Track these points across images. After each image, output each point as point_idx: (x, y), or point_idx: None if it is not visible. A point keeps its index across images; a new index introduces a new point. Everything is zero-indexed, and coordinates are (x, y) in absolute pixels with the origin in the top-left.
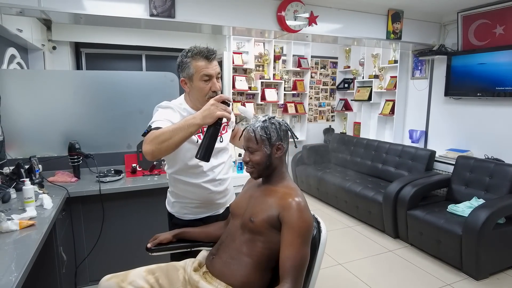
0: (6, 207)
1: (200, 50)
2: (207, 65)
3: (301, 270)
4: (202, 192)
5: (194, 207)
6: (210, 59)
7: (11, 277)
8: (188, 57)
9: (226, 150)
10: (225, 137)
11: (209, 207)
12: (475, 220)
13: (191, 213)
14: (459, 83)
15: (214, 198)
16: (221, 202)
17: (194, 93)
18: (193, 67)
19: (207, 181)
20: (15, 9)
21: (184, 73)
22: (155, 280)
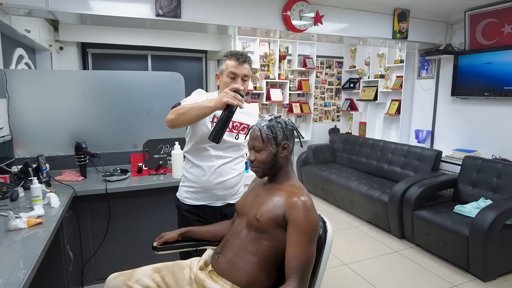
0: (15, 205)
1: (234, 53)
2: (236, 65)
3: (307, 269)
4: (202, 175)
5: (193, 192)
6: (239, 60)
7: (19, 274)
8: (225, 56)
9: (239, 148)
10: (242, 137)
11: (206, 195)
12: (482, 221)
13: (191, 198)
14: (466, 83)
15: (211, 187)
16: (220, 194)
17: (221, 87)
18: (225, 64)
19: (209, 166)
20: (23, 10)
21: (219, 68)
22: (161, 278)
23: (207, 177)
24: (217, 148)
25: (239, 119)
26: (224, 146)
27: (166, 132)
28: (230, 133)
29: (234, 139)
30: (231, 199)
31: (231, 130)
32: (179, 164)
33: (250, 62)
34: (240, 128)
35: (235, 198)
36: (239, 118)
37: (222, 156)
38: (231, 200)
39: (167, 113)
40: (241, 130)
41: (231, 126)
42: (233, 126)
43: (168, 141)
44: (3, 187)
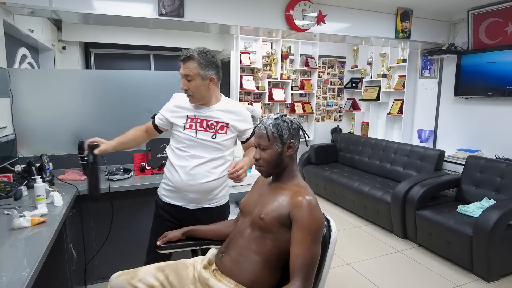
0: (18, 204)
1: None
2: (181, 66)
3: (312, 269)
4: (174, 175)
5: (168, 190)
6: (180, 60)
7: (23, 273)
8: None
9: (218, 149)
10: (220, 137)
11: (179, 196)
12: (486, 221)
13: (166, 196)
14: (469, 82)
15: (183, 188)
16: (192, 197)
17: None
18: None
19: (183, 166)
20: (27, 10)
21: None
22: (165, 277)
23: (180, 178)
24: (192, 148)
25: (215, 117)
26: (199, 146)
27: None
28: (205, 132)
29: (211, 138)
30: (207, 204)
31: (205, 129)
32: None
33: (194, 58)
34: (218, 127)
35: (213, 203)
36: (216, 115)
37: (197, 156)
38: (207, 204)
39: None
40: (219, 129)
41: (205, 125)
42: (207, 125)
43: None
44: (7, 186)
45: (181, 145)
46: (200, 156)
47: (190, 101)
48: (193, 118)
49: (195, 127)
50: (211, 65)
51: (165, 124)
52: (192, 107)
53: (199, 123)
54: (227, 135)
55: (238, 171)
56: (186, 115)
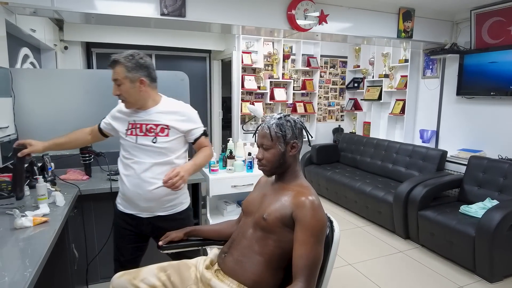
0: (20, 204)
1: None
2: (111, 71)
3: (315, 269)
4: (122, 185)
5: (122, 199)
6: (109, 65)
7: (25, 273)
8: None
9: (161, 153)
10: (161, 140)
11: (131, 205)
12: (488, 221)
13: (120, 204)
14: (472, 82)
15: (132, 197)
16: (143, 206)
17: None
18: None
19: (127, 175)
20: (29, 9)
21: None
22: (167, 277)
23: (127, 187)
24: (135, 154)
25: (154, 120)
26: (141, 152)
27: None
28: (145, 136)
29: (151, 142)
30: (161, 212)
31: (145, 134)
32: None
33: (121, 61)
34: (158, 130)
35: (169, 210)
36: (154, 118)
37: (140, 163)
38: (162, 212)
39: None
40: (159, 132)
41: (145, 129)
42: (146, 129)
43: None
44: (9, 186)
45: (125, 153)
46: (143, 162)
47: (126, 106)
48: (133, 124)
49: (135, 133)
50: (139, 67)
51: (109, 129)
52: (131, 112)
53: (138, 128)
54: (169, 137)
55: (172, 178)
56: (127, 121)
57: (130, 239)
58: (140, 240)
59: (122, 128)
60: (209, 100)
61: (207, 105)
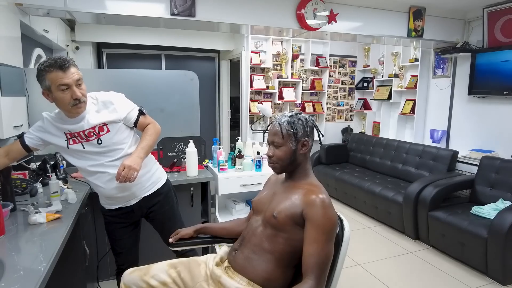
0: (34, 200)
1: (52, 62)
2: (62, 75)
3: (325, 268)
4: (98, 189)
5: (105, 199)
6: (63, 68)
7: (40, 267)
8: (43, 71)
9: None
10: (105, 138)
11: (116, 200)
12: (501, 222)
13: (106, 204)
14: (484, 81)
15: (113, 195)
16: (126, 195)
17: (58, 104)
18: (48, 79)
19: (95, 178)
20: (42, 10)
21: (42, 85)
22: (177, 274)
23: (103, 188)
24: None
25: (89, 124)
26: (94, 156)
27: (181, 131)
28: (88, 142)
29: (98, 144)
30: (144, 192)
31: (87, 139)
32: (193, 162)
33: (74, 63)
34: (97, 130)
35: (150, 189)
36: (89, 122)
37: (100, 165)
38: (146, 193)
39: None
40: (99, 131)
41: (83, 135)
42: (85, 135)
43: (182, 139)
44: (23, 183)
45: (82, 161)
46: (102, 164)
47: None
48: (71, 133)
49: (78, 141)
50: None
51: (38, 144)
52: (60, 122)
53: (78, 136)
54: (111, 132)
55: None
56: (63, 131)
57: (125, 231)
58: (134, 227)
59: (60, 140)
60: (218, 100)
61: (216, 105)
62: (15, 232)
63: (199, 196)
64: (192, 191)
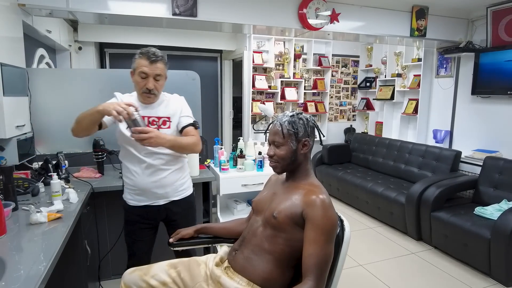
0: (35, 200)
1: (146, 51)
2: (147, 65)
3: (325, 268)
4: (136, 178)
5: (135, 194)
6: (151, 60)
7: (40, 266)
8: (137, 55)
9: None
10: (165, 131)
11: (147, 196)
12: (505, 223)
13: (133, 199)
14: (488, 81)
15: (148, 186)
16: (159, 192)
17: (135, 85)
18: (136, 63)
19: (138, 168)
20: (45, 11)
21: (132, 66)
22: (177, 274)
23: (141, 178)
24: (140, 148)
25: (156, 113)
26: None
27: None
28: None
29: None
30: (175, 196)
31: (148, 126)
32: (195, 161)
33: (163, 60)
34: (160, 122)
35: (180, 194)
36: (156, 112)
37: (149, 155)
38: (175, 197)
39: None
40: (161, 124)
41: (147, 121)
42: (149, 121)
43: None
44: (25, 183)
45: (131, 147)
46: (152, 153)
47: (149, 100)
48: None
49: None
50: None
51: (110, 121)
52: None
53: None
54: (170, 129)
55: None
56: None
57: (145, 233)
58: (154, 231)
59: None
60: (220, 99)
61: (218, 104)
62: (16, 231)
63: (200, 196)
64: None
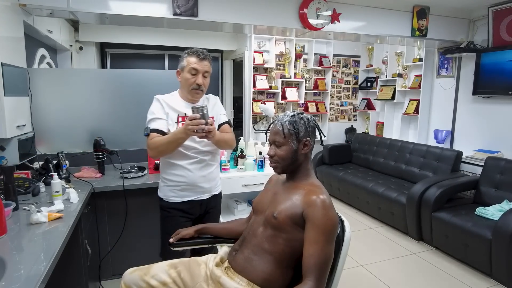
0: (36, 200)
1: (195, 50)
2: (197, 62)
3: (325, 269)
4: (186, 173)
5: (180, 190)
6: (200, 57)
7: (40, 266)
8: (185, 53)
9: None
10: None
11: (193, 190)
12: (506, 224)
13: (177, 196)
14: (489, 81)
15: (197, 180)
16: (206, 187)
17: (183, 83)
18: (186, 60)
19: (190, 163)
20: (46, 11)
21: (179, 64)
22: (177, 274)
23: (192, 174)
24: (190, 148)
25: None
26: (194, 143)
27: None
28: None
29: None
30: (215, 191)
31: None
32: None
33: (210, 59)
34: None
35: (218, 189)
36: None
37: (199, 151)
38: (215, 191)
39: None
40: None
41: None
42: None
43: None
44: (26, 182)
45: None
46: (202, 151)
47: (196, 97)
48: (184, 117)
49: None
50: None
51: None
52: (180, 106)
53: None
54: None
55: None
56: (177, 114)
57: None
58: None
59: (173, 122)
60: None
61: None
62: (17, 231)
63: None
64: None
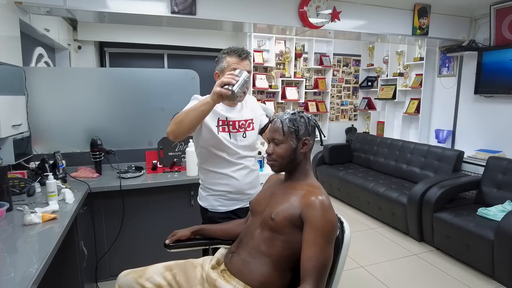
0: (31, 200)
1: (235, 49)
2: (238, 62)
3: (324, 271)
4: (232, 182)
5: (226, 199)
6: (242, 57)
7: (31, 269)
8: (224, 53)
9: (252, 146)
10: (249, 134)
11: (241, 198)
12: (508, 224)
13: (223, 205)
14: (491, 80)
15: (243, 188)
16: (251, 193)
17: None
18: (226, 61)
19: (235, 170)
20: (43, 9)
21: (218, 66)
22: (172, 277)
23: (238, 181)
24: (233, 153)
25: (243, 117)
26: (236, 148)
27: None
28: (238, 133)
29: (242, 137)
30: None
31: (238, 130)
32: (193, 162)
33: (250, 58)
34: (246, 125)
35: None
36: (243, 115)
37: (242, 156)
38: None
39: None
40: (247, 127)
41: (237, 125)
42: (239, 126)
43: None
44: (21, 182)
45: (223, 153)
46: (244, 156)
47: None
48: (225, 121)
49: (227, 129)
50: None
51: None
52: (221, 109)
53: (231, 125)
54: (254, 130)
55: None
56: (217, 117)
57: None
58: None
59: (212, 124)
60: None
61: None
62: (10, 232)
63: None
64: (192, 191)
